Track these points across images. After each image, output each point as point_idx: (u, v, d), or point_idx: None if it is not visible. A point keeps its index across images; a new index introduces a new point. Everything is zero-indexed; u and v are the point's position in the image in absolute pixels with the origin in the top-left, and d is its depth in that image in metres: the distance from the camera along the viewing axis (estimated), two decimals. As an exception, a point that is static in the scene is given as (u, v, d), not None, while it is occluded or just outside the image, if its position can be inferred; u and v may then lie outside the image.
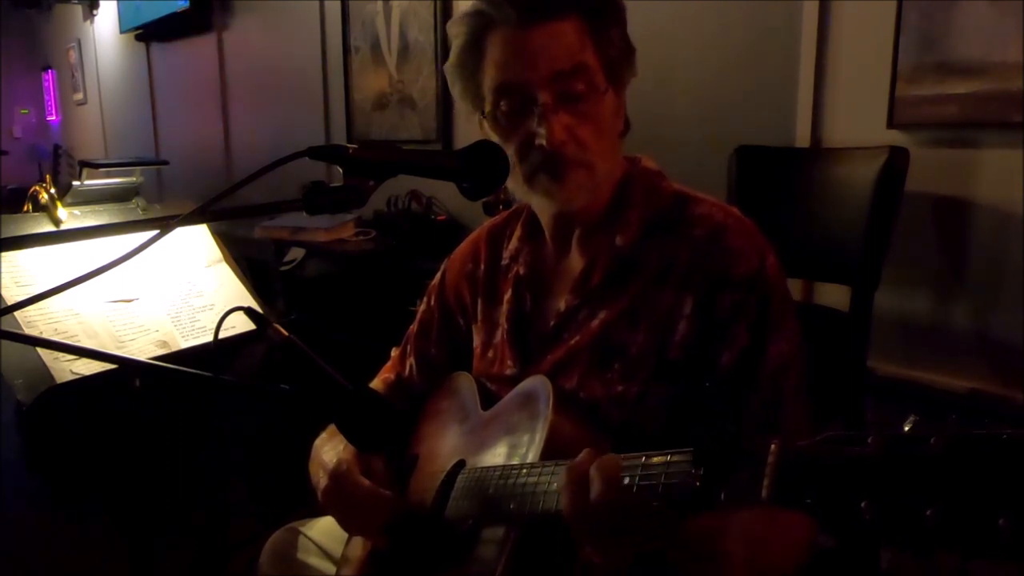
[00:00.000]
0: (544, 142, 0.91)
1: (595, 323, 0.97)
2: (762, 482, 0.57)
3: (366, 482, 1.03)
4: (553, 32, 0.91)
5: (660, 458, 0.68)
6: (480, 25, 0.95)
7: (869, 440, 0.50)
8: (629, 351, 0.93)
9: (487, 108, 0.97)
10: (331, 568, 1.18)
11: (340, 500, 1.04)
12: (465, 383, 1.14)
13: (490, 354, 1.11)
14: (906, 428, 0.49)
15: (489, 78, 0.95)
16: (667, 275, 0.94)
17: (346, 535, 1.15)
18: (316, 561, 1.21)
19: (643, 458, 0.70)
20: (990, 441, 0.45)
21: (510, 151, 0.93)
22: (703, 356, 0.91)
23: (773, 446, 0.57)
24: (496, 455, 0.95)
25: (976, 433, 0.46)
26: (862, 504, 0.48)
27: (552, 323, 1.02)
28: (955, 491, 0.45)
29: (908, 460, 0.48)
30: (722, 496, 0.60)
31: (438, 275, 1.25)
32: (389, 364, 1.31)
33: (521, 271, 1.08)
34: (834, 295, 1.97)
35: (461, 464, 1.03)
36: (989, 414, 1.74)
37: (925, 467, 0.47)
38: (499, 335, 1.10)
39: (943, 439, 0.47)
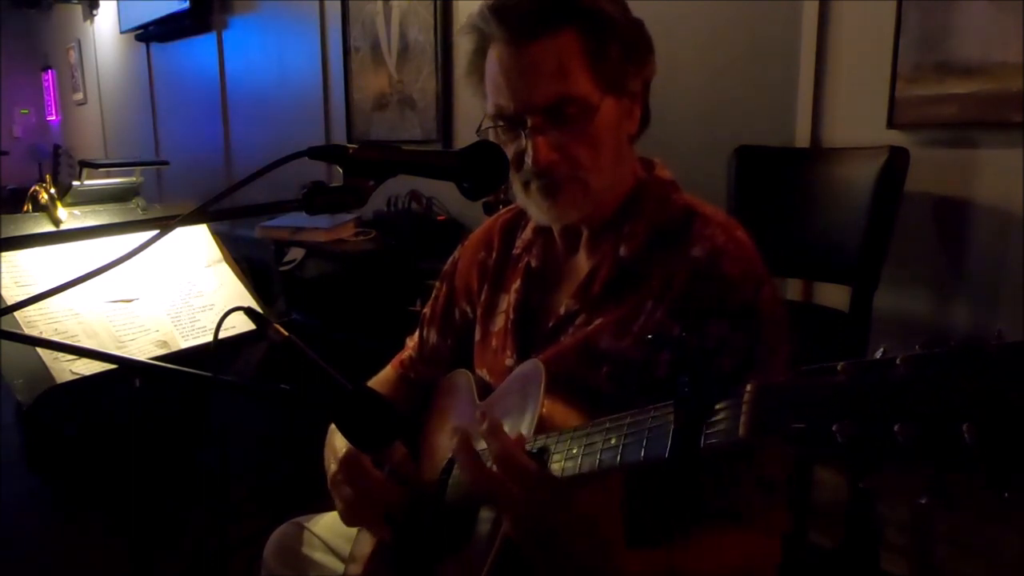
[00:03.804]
0: (530, 162, 0.92)
1: (589, 328, 0.98)
2: (740, 419, 0.58)
3: (375, 472, 1.05)
4: (541, 53, 0.90)
5: (645, 415, 0.70)
6: (480, 39, 0.96)
7: (839, 368, 0.52)
8: (616, 358, 0.94)
9: (486, 123, 0.98)
10: (336, 563, 1.19)
11: (346, 488, 1.06)
12: (463, 380, 1.15)
13: (493, 343, 1.11)
14: (876, 356, 0.51)
15: (487, 95, 0.97)
16: (664, 293, 0.94)
17: (350, 531, 1.16)
18: (321, 556, 1.22)
19: (628, 417, 0.71)
20: (947, 356, 0.47)
21: (509, 159, 0.95)
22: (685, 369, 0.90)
23: (749, 386, 0.59)
24: None
25: (935, 351, 0.48)
26: (834, 427, 0.50)
27: (551, 324, 1.02)
28: (921, 406, 0.47)
29: (876, 383, 0.50)
30: (703, 441, 0.62)
31: (450, 260, 1.26)
32: (403, 351, 1.33)
33: (533, 263, 1.09)
34: (834, 295, 1.97)
35: None
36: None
37: (892, 387, 0.49)
38: (502, 324, 1.10)
39: (907, 360, 0.49)
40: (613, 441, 0.71)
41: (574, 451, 0.75)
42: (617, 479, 0.80)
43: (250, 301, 1.98)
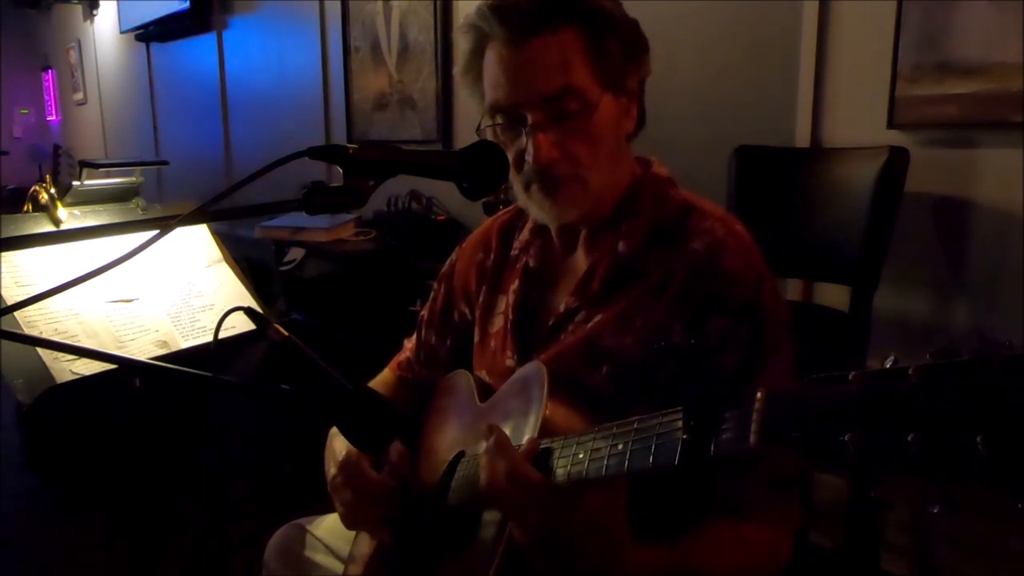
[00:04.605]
0: (531, 159, 0.92)
1: (590, 325, 0.98)
2: (750, 428, 0.58)
3: (373, 474, 1.06)
4: (542, 49, 0.90)
5: (653, 420, 0.69)
6: (478, 38, 0.96)
7: (850, 378, 0.52)
8: (617, 356, 0.94)
9: (485, 121, 0.98)
10: (337, 565, 1.19)
11: (345, 490, 1.07)
12: (462, 380, 1.15)
13: (492, 344, 1.11)
14: (886, 366, 0.51)
15: (485, 94, 0.97)
16: (664, 288, 0.93)
17: (352, 534, 1.16)
18: (322, 559, 1.22)
19: (636, 423, 0.71)
20: (959, 366, 0.47)
21: (510, 160, 0.94)
22: (692, 376, 0.90)
23: (759, 394, 0.59)
24: None
25: (946, 361, 0.47)
26: (845, 438, 0.50)
27: (551, 322, 1.02)
28: (933, 416, 0.47)
29: (888, 393, 0.49)
30: (712, 449, 0.62)
31: (447, 263, 1.26)
32: (400, 353, 1.33)
33: (531, 263, 1.09)
34: (834, 295, 1.97)
35: (462, 455, 1.04)
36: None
37: (904, 398, 0.48)
38: (501, 325, 1.10)
39: (919, 370, 0.48)
40: (620, 447, 0.70)
41: (580, 456, 0.75)
42: (622, 481, 0.80)
43: (250, 301, 1.98)
